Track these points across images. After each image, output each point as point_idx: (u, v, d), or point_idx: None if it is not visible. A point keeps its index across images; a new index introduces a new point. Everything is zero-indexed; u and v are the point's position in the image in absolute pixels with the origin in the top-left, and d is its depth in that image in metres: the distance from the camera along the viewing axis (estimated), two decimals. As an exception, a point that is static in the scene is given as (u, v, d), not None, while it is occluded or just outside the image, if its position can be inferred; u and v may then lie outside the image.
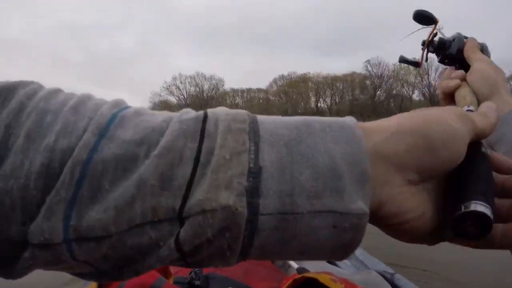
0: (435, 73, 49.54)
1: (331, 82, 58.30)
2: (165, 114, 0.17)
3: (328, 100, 59.45)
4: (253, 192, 0.15)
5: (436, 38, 0.51)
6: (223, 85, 64.09)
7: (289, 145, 0.16)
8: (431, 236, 0.19)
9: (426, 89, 53.20)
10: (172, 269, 0.65)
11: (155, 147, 0.15)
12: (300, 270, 0.76)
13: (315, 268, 0.78)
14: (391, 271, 0.96)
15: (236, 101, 65.14)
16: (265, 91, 63.41)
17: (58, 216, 0.14)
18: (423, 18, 0.53)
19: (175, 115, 0.17)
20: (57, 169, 0.14)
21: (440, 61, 0.54)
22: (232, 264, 0.17)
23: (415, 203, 0.18)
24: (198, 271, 0.69)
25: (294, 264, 0.82)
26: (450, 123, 0.18)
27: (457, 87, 0.41)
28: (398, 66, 52.78)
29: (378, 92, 56.88)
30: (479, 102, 0.38)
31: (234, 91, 64.75)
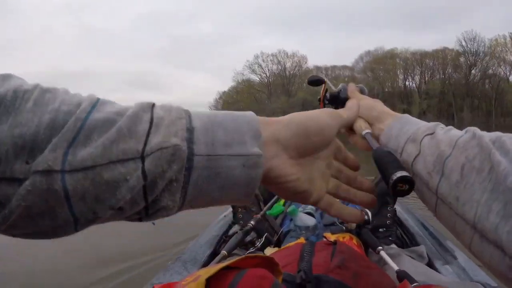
0: None
1: (421, 58, 72.73)
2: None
3: (417, 78, 74.54)
4: (190, 140, 0.31)
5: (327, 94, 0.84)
6: (306, 63, 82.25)
7: (209, 118, 0.34)
8: (302, 195, 0.42)
9: None
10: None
11: (125, 115, 0.30)
12: (400, 272, 0.98)
13: (416, 273, 1.00)
14: (494, 284, 1.13)
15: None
16: (351, 69, 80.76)
17: (60, 151, 0.27)
18: (315, 82, 0.88)
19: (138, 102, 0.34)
20: (61, 123, 0.28)
21: (336, 108, 0.82)
22: (177, 204, 0.32)
23: (294, 170, 0.39)
24: (307, 271, 0.85)
25: (394, 266, 1.06)
26: (322, 119, 0.43)
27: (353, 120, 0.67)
28: (494, 42, 66.00)
29: (473, 71, 68.81)
30: (371, 125, 0.67)
31: (318, 69, 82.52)
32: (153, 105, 0.33)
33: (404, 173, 0.48)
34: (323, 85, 0.86)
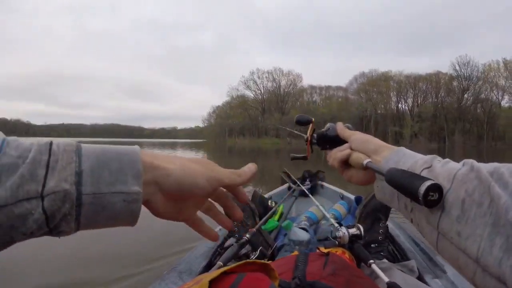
0: None
1: (414, 81, 74.24)
2: (29, 140, 0.39)
3: (409, 101, 75.55)
4: (78, 183, 0.37)
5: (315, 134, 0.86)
6: (301, 81, 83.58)
7: (98, 158, 0.40)
8: (172, 219, 0.50)
9: None
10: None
11: (27, 159, 0.36)
12: (390, 284, 1.04)
13: (406, 285, 1.09)
14: None
15: (314, 98, 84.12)
16: (345, 89, 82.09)
17: None
18: (302, 121, 0.90)
19: (36, 141, 0.40)
20: None
21: (322, 149, 0.87)
22: (73, 229, 0.39)
23: (166, 207, 0.47)
24: (301, 277, 0.94)
25: (384, 278, 1.14)
26: (199, 182, 0.48)
27: (349, 154, 0.72)
28: (488, 67, 67.06)
29: (466, 95, 69.88)
30: (369, 157, 0.69)
31: (312, 88, 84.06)
32: (50, 144, 0.40)
33: (431, 181, 0.48)
34: (311, 124, 0.88)
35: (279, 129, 74.86)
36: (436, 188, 0.47)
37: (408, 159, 0.61)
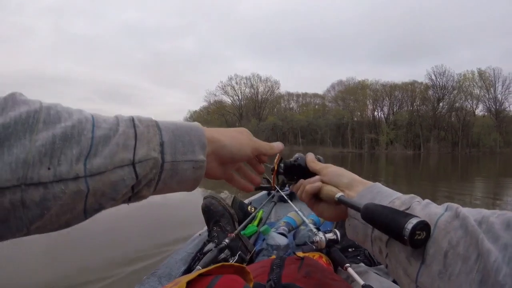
0: (502, 87, 65.58)
1: (390, 90, 75.37)
2: (114, 116, 0.45)
3: (385, 109, 76.70)
4: (162, 152, 0.46)
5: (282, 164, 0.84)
6: (278, 88, 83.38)
7: (173, 132, 0.48)
8: (219, 178, 0.62)
9: (492, 103, 68.05)
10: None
11: (117, 131, 0.41)
12: (366, 287, 1.08)
13: (381, 287, 1.14)
14: None
15: (291, 105, 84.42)
16: (322, 97, 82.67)
17: (81, 162, 0.38)
18: None
19: (116, 116, 0.45)
20: (70, 136, 0.38)
21: (289, 179, 0.86)
22: (150, 193, 0.47)
23: (218, 171, 0.59)
24: (276, 280, 0.98)
25: (360, 281, 1.16)
26: (244, 151, 0.61)
27: (320, 187, 0.70)
28: (463, 77, 68.64)
29: (441, 104, 71.34)
30: (342, 191, 0.66)
31: (289, 95, 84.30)
32: (133, 120, 0.46)
33: (418, 219, 0.44)
34: (277, 154, 0.84)
35: (257, 135, 74.56)
36: (424, 226, 0.43)
37: (384, 197, 0.59)
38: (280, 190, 3.43)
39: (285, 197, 3.04)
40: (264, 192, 3.61)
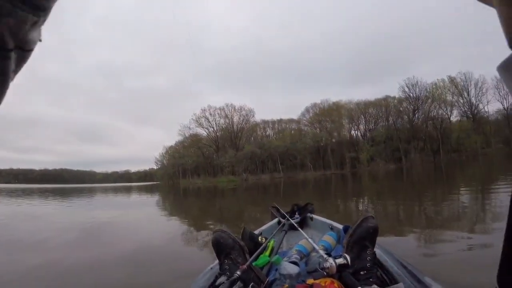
0: (475, 90, 67.35)
1: (364, 108, 77.04)
2: None
3: (361, 127, 78.21)
4: None
5: None
6: (253, 116, 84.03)
7: None
8: None
9: (467, 107, 69.76)
10: None
11: None
12: None
13: None
14: None
15: (267, 133, 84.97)
16: (297, 121, 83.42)
17: None
18: None
19: None
20: None
21: None
22: None
23: None
24: None
25: None
26: None
27: None
28: (434, 86, 70.16)
29: (417, 115, 72.64)
30: None
31: (265, 122, 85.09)
32: None
33: None
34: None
35: (235, 166, 74.35)
36: None
37: None
38: (290, 218, 3.47)
39: (296, 225, 3.07)
40: (274, 221, 3.67)
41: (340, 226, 2.83)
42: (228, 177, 70.64)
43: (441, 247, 4.05)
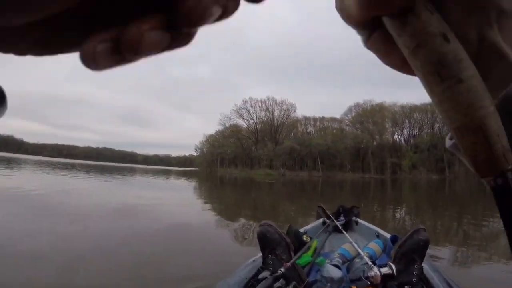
0: None
1: (410, 112, 75.17)
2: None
3: (406, 132, 76.08)
4: None
5: None
6: (294, 111, 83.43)
7: None
8: None
9: None
10: None
11: None
12: None
13: None
14: None
15: (308, 129, 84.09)
16: (339, 121, 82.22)
17: None
18: None
19: None
20: None
21: None
22: None
23: None
24: None
25: None
26: None
27: None
28: None
29: None
30: None
31: (306, 119, 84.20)
32: None
33: None
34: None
35: (273, 160, 74.27)
36: None
37: None
38: (335, 220, 3.44)
39: (340, 227, 3.05)
40: (319, 221, 3.65)
41: (387, 235, 2.78)
42: (265, 170, 70.71)
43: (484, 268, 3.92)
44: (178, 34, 0.22)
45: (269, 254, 1.89)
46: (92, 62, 0.22)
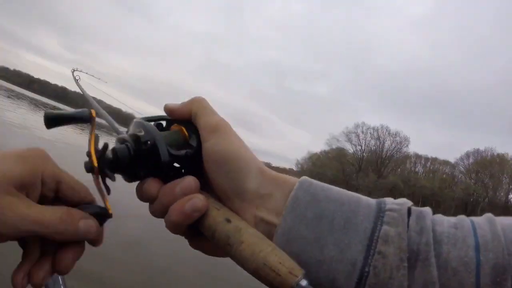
0: None
1: (534, 172, 68.06)
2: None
3: (524, 193, 69.19)
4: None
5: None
6: (407, 146, 79.16)
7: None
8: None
9: None
10: None
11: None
12: None
13: None
14: None
15: (417, 169, 79.87)
16: (452, 165, 76.95)
17: None
18: (55, 119, 0.43)
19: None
20: None
21: (127, 176, 0.46)
22: None
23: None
24: None
25: None
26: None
27: (206, 208, 0.41)
28: None
29: None
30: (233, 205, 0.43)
31: (417, 157, 79.86)
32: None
33: None
34: (92, 130, 0.44)
35: (372, 192, 72.27)
36: None
37: (336, 206, 0.41)
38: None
39: None
40: None
41: None
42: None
43: None
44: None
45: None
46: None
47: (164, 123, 0.50)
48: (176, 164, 0.46)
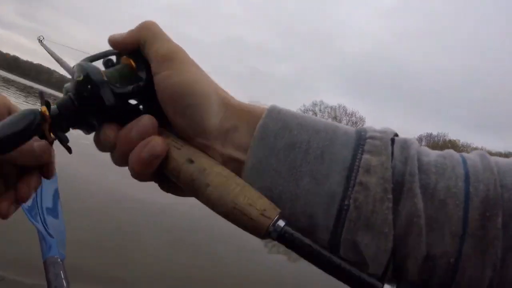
0: None
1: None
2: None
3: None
4: None
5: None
6: (362, 125, 80.00)
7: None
8: None
9: None
10: None
11: None
12: None
13: None
14: None
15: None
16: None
17: None
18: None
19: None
20: None
21: (92, 128, 0.42)
22: None
23: None
24: None
25: None
26: None
27: (166, 152, 0.37)
28: None
29: None
30: (195, 142, 0.38)
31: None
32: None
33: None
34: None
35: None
36: None
37: (308, 135, 0.37)
38: None
39: None
40: None
41: None
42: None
43: None
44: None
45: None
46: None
47: (114, 58, 0.45)
48: (133, 101, 0.41)
